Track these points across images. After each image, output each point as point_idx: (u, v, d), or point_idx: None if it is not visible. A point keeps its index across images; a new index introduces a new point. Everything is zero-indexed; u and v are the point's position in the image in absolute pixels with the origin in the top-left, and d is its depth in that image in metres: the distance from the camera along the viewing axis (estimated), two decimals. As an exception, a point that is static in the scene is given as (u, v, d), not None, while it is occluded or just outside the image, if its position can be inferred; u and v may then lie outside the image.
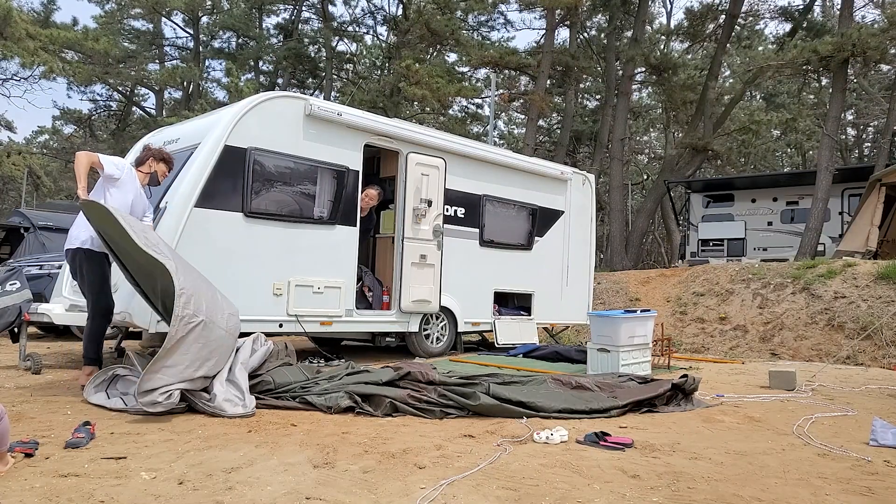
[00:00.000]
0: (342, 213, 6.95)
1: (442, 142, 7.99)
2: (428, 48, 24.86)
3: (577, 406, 4.42)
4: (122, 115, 30.39)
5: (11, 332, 6.59)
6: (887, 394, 5.94)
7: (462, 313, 8.22)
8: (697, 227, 17.58)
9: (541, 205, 9.23)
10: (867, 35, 14.00)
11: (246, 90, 20.20)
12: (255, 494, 2.63)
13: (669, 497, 2.77)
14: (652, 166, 34.15)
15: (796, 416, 4.61)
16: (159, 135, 7.25)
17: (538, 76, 20.92)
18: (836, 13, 22.47)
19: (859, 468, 3.29)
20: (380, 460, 3.19)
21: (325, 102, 6.99)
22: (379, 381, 4.65)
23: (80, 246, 4.92)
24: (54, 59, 20.88)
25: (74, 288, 6.55)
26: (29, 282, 6.33)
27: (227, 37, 29.24)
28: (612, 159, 20.98)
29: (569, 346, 9.16)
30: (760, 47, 25.45)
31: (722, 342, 10.53)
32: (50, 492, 2.58)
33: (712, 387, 6.03)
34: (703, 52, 28.14)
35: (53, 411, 4.12)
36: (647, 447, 3.59)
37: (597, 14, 24.93)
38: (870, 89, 24.88)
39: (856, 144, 32.00)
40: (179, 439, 3.49)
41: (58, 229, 11.25)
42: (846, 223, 14.66)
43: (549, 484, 2.89)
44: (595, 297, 11.36)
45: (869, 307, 9.61)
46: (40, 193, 29.66)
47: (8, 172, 26.47)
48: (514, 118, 33.96)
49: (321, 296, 6.70)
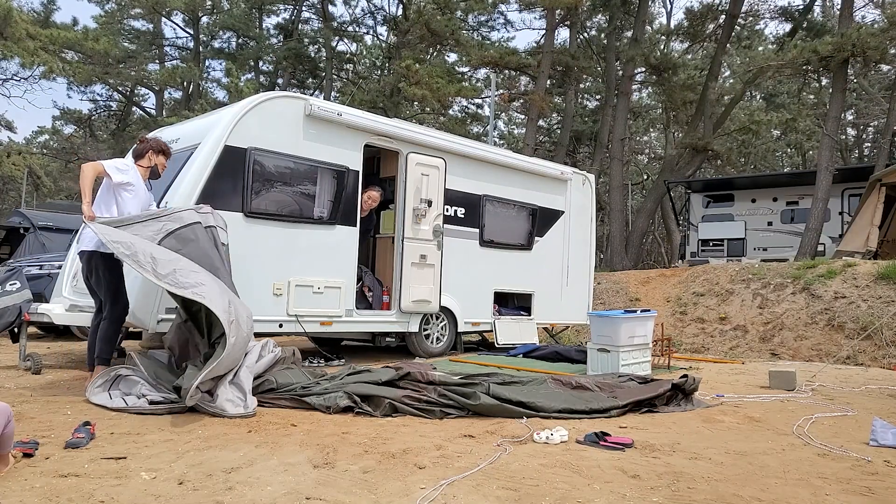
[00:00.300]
0: (342, 214, 6.95)
1: (442, 142, 7.99)
2: (428, 48, 24.86)
3: (577, 406, 4.42)
4: (122, 116, 30.39)
5: (11, 332, 6.59)
6: (887, 394, 5.94)
7: (462, 313, 8.22)
8: (697, 227, 17.58)
9: (541, 205, 9.23)
10: (867, 35, 14.00)
11: (246, 90, 20.20)
12: (255, 494, 2.63)
13: (669, 497, 2.77)
14: (652, 166, 34.15)
15: (796, 416, 4.61)
16: (159, 135, 7.25)
17: (538, 76, 20.92)
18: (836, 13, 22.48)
19: (859, 468, 3.29)
20: (380, 460, 3.19)
21: (325, 102, 6.99)
22: (378, 381, 4.65)
23: (95, 248, 4.90)
24: (54, 59, 20.88)
25: (75, 288, 6.55)
26: (29, 282, 6.33)
27: (227, 37, 29.26)
28: (612, 159, 20.98)
29: (569, 346, 9.17)
30: (760, 47, 25.44)
31: (722, 342, 10.53)
32: (50, 492, 2.58)
33: (712, 387, 6.03)
34: (703, 52, 28.14)
35: (53, 411, 4.12)
36: (647, 447, 3.59)
37: (597, 14, 24.92)
38: (870, 89, 24.88)
39: (856, 144, 32.00)
40: (179, 439, 3.49)
41: (58, 229, 11.26)
42: (846, 223, 14.66)
43: (549, 484, 2.89)
44: (595, 297, 11.36)
45: (869, 307, 9.61)
46: (40, 193, 29.67)
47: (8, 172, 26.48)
48: (514, 118, 33.98)
49: (321, 296, 6.70)
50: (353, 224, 7.07)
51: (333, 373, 5.10)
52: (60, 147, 32.77)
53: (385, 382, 4.63)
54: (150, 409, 4.13)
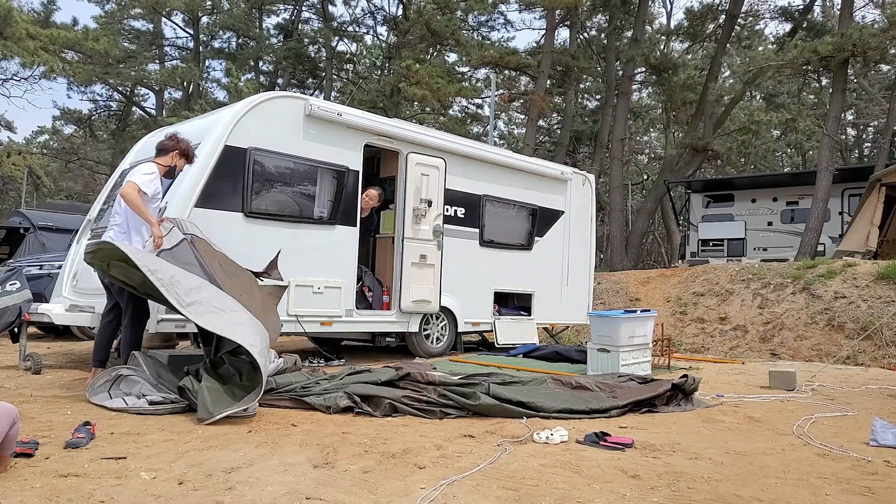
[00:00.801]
0: (342, 214, 6.95)
1: (442, 142, 7.99)
2: (428, 48, 24.85)
3: (577, 406, 4.42)
4: (122, 116, 30.39)
5: (11, 332, 6.58)
6: (887, 394, 5.94)
7: (462, 313, 8.22)
8: (697, 227, 17.58)
9: (541, 205, 9.23)
10: (867, 35, 14.00)
11: (246, 90, 20.19)
12: (255, 494, 2.63)
13: (669, 497, 2.77)
14: (652, 166, 34.15)
15: (796, 416, 4.61)
16: (159, 135, 7.25)
17: (538, 76, 20.93)
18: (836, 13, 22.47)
19: (859, 468, 3.29)
20: (380, 460, 3.19)
21: (325, 102, 6.99)
22: (378, 381, 4.65)
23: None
24: (54, 59, 20.89)
25: (75, 288, 6.55)
26: (29, 282, 6.33)
27: (227, 37, 29.25)
28: (612, 159, 20.98)
29: (569, 346, 9.16)
30: (760, 47, 25.43)
31: (722, 342, 10.53)
32: (50, 492, 2.58)
33: (712, 387, 6.03)
34: (703, 52, 28.15)
35: (53, 411, 4.12)
36: (647, 447, 3.59)
37: (597, 14, 24.92)
38: (870, 89, 24.88)
39: (856, 144, 32.01)
40: (179, 439, 3.49)
41: (58, 229, 11.26)
42: (846, 223, 14.66)
43: (549, 484, 2.89)
44: (595, 297, 11.36)
45: (869, 307, 9.61)
46: (40, 193, 29.68)
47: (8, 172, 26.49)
48: (514, 118, 33.98)
49: (321, 296, 6.70)
50: (354, 224, 7.07)
51: (333, 373, 5.10)
52: (60, 147, 32.78)
53: (385, 382, 4.63)
54: (151, 409, 4.13)
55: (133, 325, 5.03)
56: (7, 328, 6.01)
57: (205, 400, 3.99)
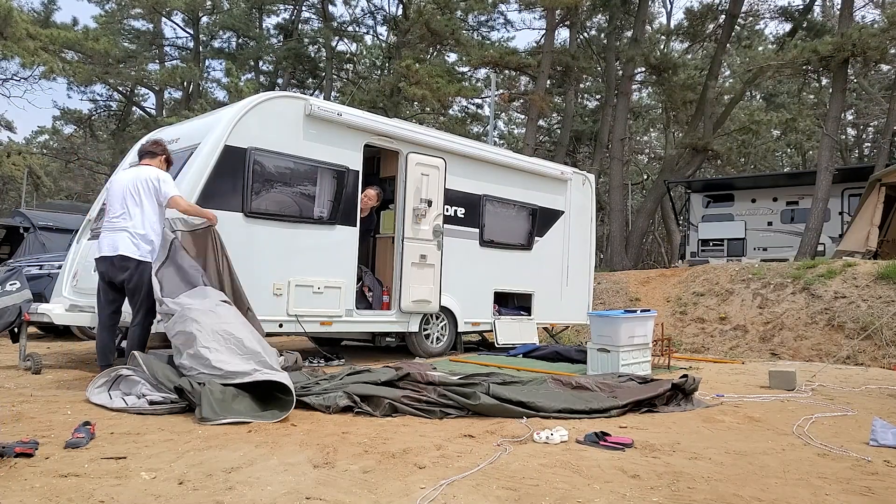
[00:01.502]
0: (342, 213, 6.95)
1: (442, 142, 7.99)
2: (428, 48, 24.85)
3: (577, 406, 4.42)
4: (122, 115, 30.38)
5: (11, 332, 6.58)
6: (887, 394, 5.94)
7: (462, 313, 8.22)
8: (697, 227, 17.58)
9: (541, 205, 9.23)
10: (867, 35, 14.00)
11: (246, 90, 20.19)
12: (255, 494, 2.63)
13: (669, 497, 2.77)
14: (652, 166, 34.15)
15: (796, 416, 4.61)
16: (159, 135, 7.25)
17: (538, 76, 20.92)
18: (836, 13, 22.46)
19: (859, 468, 3.29)
20: (380, 460, 3.19)
21: (325, 102, 6.99)
22: (378, 381, 4.65)
23: (141, 259, 5.06)
24: (54, 59, 20.88)
25: (75, 288, 6.55)
26: (29, 282, 6.32)
27: (227, 37, 29.25)
28: (612, 159, 20.99)
29: (569, 346, 9.16)
30: (760, 47, 25.41)
31: (722, 342, 10.53)
32: (50, 492, 2.58)
33: (712, 387, 6.03)
34: (703, 52, 28.14)
35: (53, 411, 4.12)
36: (647, 447, 3.59)
37: (597, 14, 24.91)
38: (870, 89, 24.88)
39: (856, 144, 32.00)
40: (179, 439, 3.49)
41: (58, 229, 11.25)
42: (846, 223, 14.66)
43: (549, 484, 2.89)
44: (595, 297, 11.36)
45: (869, 307, 9.61)
46: (40, 193, 29.68)
47: (8, 172, 26.50)
48: (514, 118, 33.98)
49: (321, 296, 6.70)
50: (353, 224, 7.07)
51: (333, 373, 5.10)
52: (60, 147, 32.78)
53: (385, 382, 4.63)
54: (151, 409, 4.13)
55: (143, 324, 5.13)
56: (7, 328, 6.00)
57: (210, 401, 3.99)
